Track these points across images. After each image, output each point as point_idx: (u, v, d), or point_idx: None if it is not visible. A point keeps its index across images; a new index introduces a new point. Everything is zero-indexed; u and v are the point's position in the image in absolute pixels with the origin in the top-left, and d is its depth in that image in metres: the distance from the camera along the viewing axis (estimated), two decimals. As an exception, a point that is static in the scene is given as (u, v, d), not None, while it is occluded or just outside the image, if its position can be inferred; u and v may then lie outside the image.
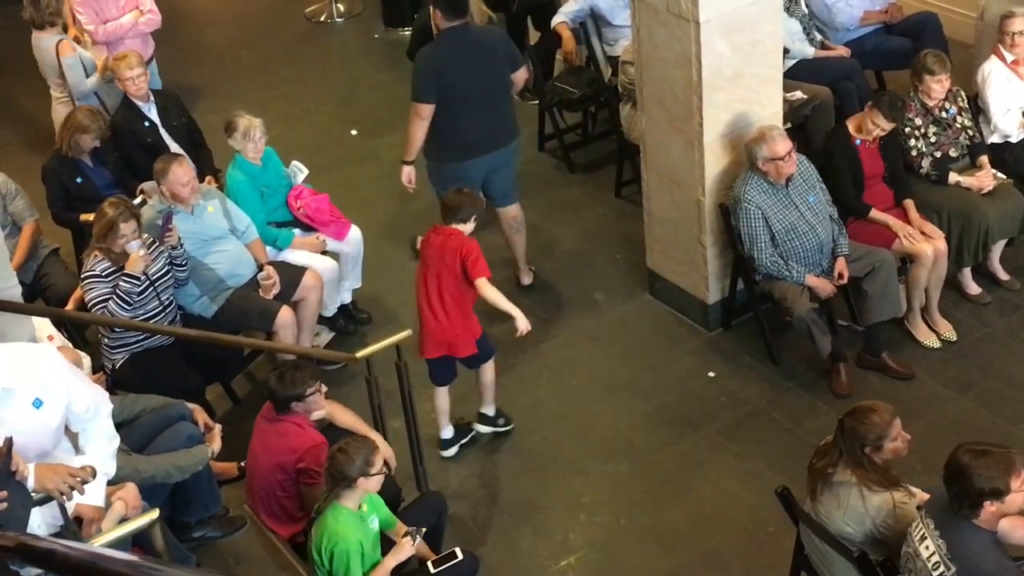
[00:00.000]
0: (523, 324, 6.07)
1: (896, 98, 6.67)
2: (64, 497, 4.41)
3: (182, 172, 6.46)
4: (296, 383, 5.37)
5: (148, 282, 6.16)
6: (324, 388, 5.52)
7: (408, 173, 7.17)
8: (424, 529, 5.13)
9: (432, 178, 7.23)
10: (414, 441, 6.03)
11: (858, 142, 6.67)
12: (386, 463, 5.51)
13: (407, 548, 5.02)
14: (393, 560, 5.00)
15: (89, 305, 6.15)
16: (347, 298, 7.32)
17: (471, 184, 6.75)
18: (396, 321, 7.21)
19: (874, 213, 6.67)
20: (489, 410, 6.47)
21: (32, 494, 4.26)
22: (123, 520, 4.88)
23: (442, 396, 6.31)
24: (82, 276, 6.23)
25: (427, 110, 6.84)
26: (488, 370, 6.32)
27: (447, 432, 6.41)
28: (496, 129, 7.06)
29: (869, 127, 6.60)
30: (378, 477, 4.92)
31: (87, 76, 8.04)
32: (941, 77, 6.78)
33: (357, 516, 4.92)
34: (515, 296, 6.82)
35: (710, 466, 6.24)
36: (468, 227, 6.01)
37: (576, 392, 6.78)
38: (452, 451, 6.41)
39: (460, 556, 5.15)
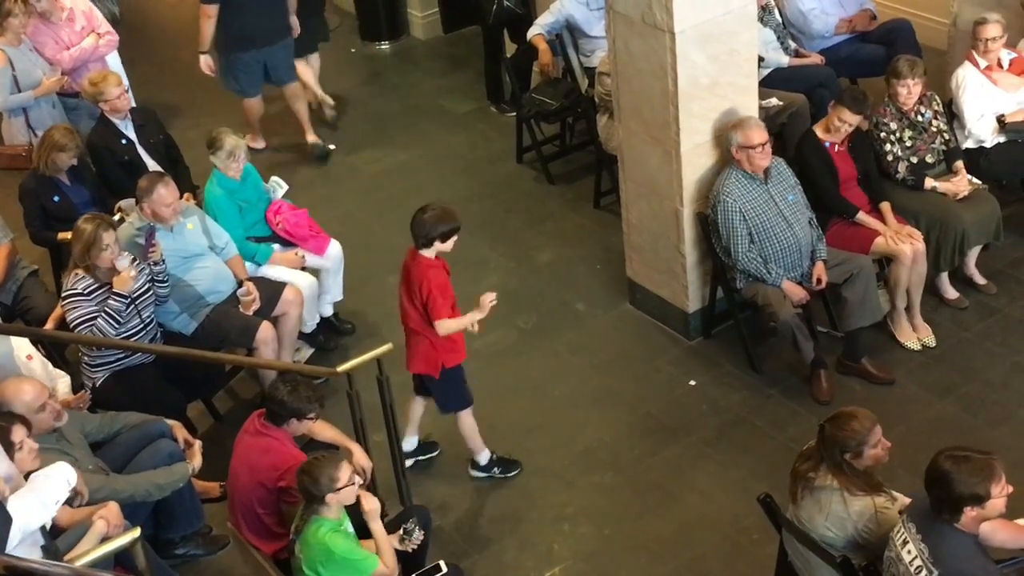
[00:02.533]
0: (479, 315, 5.81)
1: (858, 92, 6.79)
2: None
3: (167, 193, 6.43)
4: (305, 400, 5.32)
5: (130, 300, 6.15)
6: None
7: (204, 61, 8.80)
8: (422, 533, 5.17)
9: (221, 71, 8.88)
10: (397, 455, 6.02)
11: (827, 144, 6.72)
12: (363, 471, 5.53)
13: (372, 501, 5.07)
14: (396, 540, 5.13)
15: (72, 325, 6.11)
16: (328, 311, 7.31)
17: (249, 69, 8.76)
18: (377, 335, 7.20)
19: (861, 216, 6.72)
20: (482, 458, 6.32)
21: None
22: (105, 539, 4.86)
23: (415, 406, 6.29)
24: (63, 295, 6.19)
25: (212, 10, 8.52)
26: (463, 420, 6.18)
27: (410, 442, 6.36)
28: (270, 28, 8.73)
29: (836, 124, 6.65)
30: (349, 489, 4.89)
31: (19, 91, 8.02)
32: (909, 81, 6.82)
33: (337, 524, 4.93)
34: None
35: (693, 475, 6.25)
36: (443, 247, 5.77)
37: (559, 403, 6.78)
38: (409, 460, 6.33)
39: (444, 569, 5.15)
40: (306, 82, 9.42)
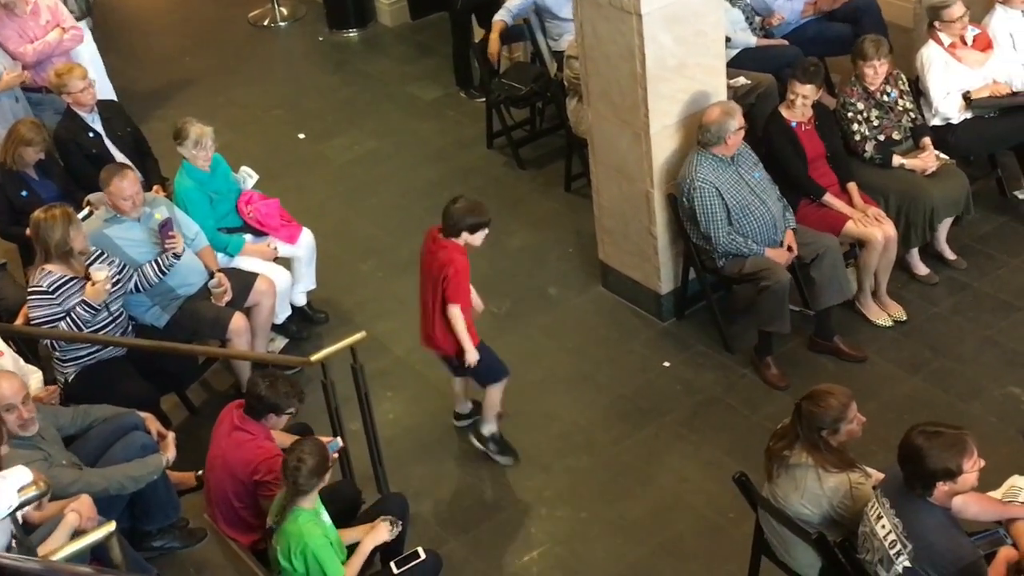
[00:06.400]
0: (472, 358, 5.95)
1: (808, 63, 6.81)
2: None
3: (126, 186, 6.36)
4: (283, 395, 5.28)
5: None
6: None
7: None
8: (400, 523, 5.19)
9: None
10: (373, 443, 6.02)
11: (794, 124, 6.75)
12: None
13: (383, 532, 5.09)
14: (371, 542, 5.07)
15: (33, 323, 6.05)
16: (301, 300, 7.29)
17: None
18: (351, 323, 7.19)
19: (828, 198, 6.74)
20: (486, 429, 6.30)
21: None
22: (79, 532, 4.83)
23: (456, 382, 6.39)
24: (27, 292, 6.13)
25: None
26: (493, 392, 6.18)
27: (464, 407, 6.48)
28: None
29: (792, 99, 6.70)
30: (330, 472, 4.96)
31: None
32: (875, 62, 6.86)
33: (315, 513, 4.93)
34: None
35: (668, 456, 6.27)
36: (472, 239, 5.85)
37: (533, 387, 6.78)
38: (464, 423, 6.46)
39: (423, 555, 5.15)
40: None
